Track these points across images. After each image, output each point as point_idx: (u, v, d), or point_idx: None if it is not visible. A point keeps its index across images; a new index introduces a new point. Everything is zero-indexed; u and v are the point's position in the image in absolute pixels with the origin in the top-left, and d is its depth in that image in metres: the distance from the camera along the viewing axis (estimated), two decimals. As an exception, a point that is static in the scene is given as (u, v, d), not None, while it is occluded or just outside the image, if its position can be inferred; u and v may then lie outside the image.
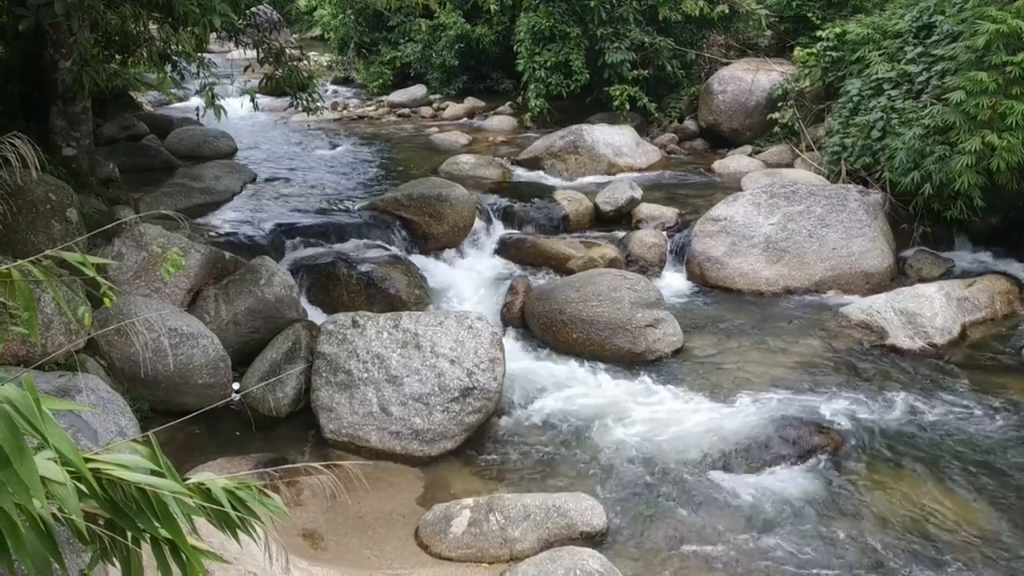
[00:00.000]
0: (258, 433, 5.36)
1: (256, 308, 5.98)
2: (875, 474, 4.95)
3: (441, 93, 15.29)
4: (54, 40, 6.73)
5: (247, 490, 1.73)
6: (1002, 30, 6.91)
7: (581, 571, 3.82)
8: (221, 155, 10.74)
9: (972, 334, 6.71)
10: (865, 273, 7.65)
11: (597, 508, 4.48)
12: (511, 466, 5.14)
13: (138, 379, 5.17)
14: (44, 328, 4.88)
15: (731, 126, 11.69)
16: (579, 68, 12.34)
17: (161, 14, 6.68)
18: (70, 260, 1.88)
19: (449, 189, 8.32)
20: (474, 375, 5.35)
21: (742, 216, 7.88)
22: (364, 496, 4.65)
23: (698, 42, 13.25)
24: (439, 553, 4.30)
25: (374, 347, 5.47)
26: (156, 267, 5.77)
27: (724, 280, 7.70)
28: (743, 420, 5.46)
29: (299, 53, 8.24)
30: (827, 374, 6.11)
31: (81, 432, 4.13)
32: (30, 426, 1.39)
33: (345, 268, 6.97)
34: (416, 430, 5.22)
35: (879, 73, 8.92)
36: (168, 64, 9.00)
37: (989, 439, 5.28)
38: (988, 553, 4.30)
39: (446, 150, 11.62)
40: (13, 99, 7.24)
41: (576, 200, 8.93)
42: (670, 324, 6.56)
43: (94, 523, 1.61)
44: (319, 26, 20.00)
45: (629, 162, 10.82)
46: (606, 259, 7.72)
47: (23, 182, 5.28)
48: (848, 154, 8.97)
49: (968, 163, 7.11)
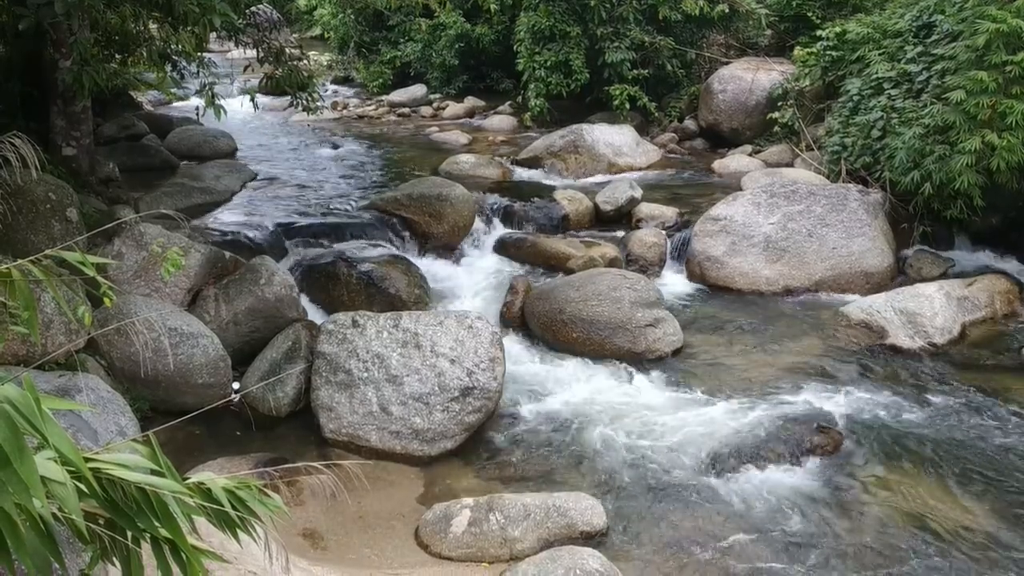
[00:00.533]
0: (258, 433, 5.36)
1: (256, 308, 5.98)
2: (875, 474, 4.95)
3: (441, 92, 15.29)
4: (54, 39, 6.73)
5: (247, 490, 1.73)
6: (1002, 29, 6.91)
7: (581, 570, 3.82)
8: (221, 155, 10.74)
9: (972, 334, 6.71)
10: (865, 273, 7.65)
11: (597, 508, 4.48)
12: (511, 466, 5.14)
13: (138, 379, 5.17)
14: (44, 328, 4.88)
15: (731, 126, 11.68)
16: (579, 67, 12.33)
17: (161, 13, 6.68)
18: (70, 260, 1.88)
19: (449, 189, 8.32)
20: (474, 375, 5.35)
21: (742, 216, 7.88)
22: (364, 496, 4.65)
23: (698, 41, 13.24)
24: (439, 553, 4.30)
25: (374, 347, 5.47)
26: (156, 267, 5.77)
27: (724, 280, 7.70)
28: (743, 420, 5.46)
29: (299, 52, 8.23)
30: (827, 374, 6.11)
31: (81, 432, 4.13)
32: (30, 426, 1.39)
33: (345, 268, 6.97)
34: (416, 430, 5.22)
35: (879, 72, 8.92)
36: (168, 64, 8.99)
37: (989, 439, 5.28)
38: (988, 552, 4.30)
39: (446, 150, 11.62)
40: (13, 98, 7.23)
41: (576, 200, 8.93)
42: (670, 324, 6.56)
43: (94, 523, 1.61)
44: (319, 25, 20.00)
45: (629, 162, 10.81)
46: (606, 259, 7.72)
47: (23, 182, 5.28)
48: (848, 153, 8.97)
49: (968, 162, 7.11)
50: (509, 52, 13.43)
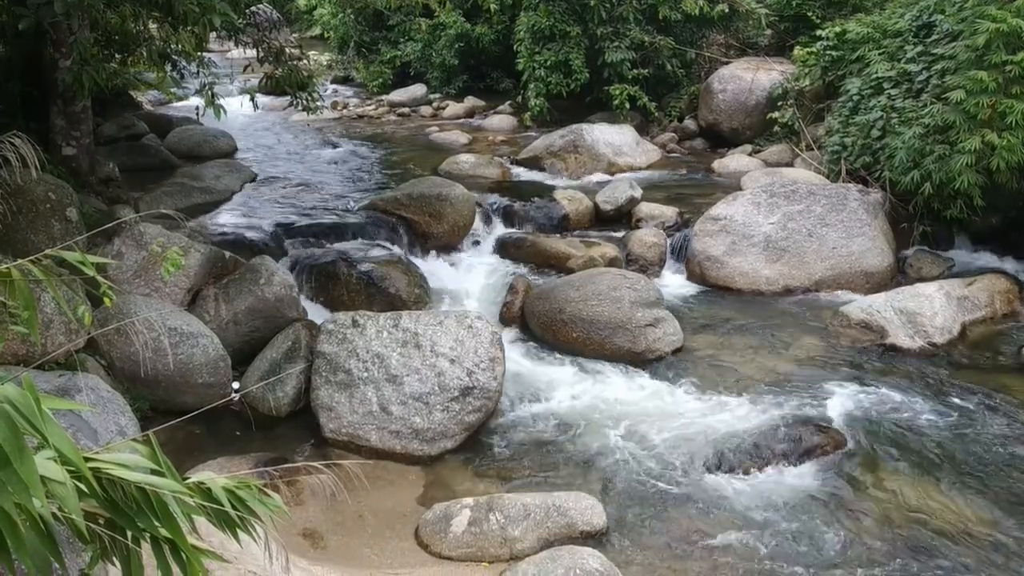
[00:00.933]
0: (258, 432, 5.36)
1: (256, 307, 5.98)
2: (875, 473, 4.96)
3: (441, 92, 15.29)
4: (54, 39, 6.73)
5: (247, 489, 1.73)
6: (1002, 29, 6.91)
7: (581, 570, 3.82)
8: (221, 154, 10.74)
9: (972, 333, 6.71)
10: (865, 272, 7.65)
11: (597, 507, 4.48)
12: (511, 465, 5.14)
13: (138, 378, 5.17)
14: (44, 327, 4.88)
15: (731, 125, 11.68)
16: (579, 67, 12.33)
17: (161, 13, 6.68)
18: (70, 259, 1.88)
19: (449, 188, 8.32)
20: (474, 374, 5.35)
21: (742, 215, 7.88)
22: (364, 495, 4.65)
23: (698, 41, 13.25)
24: (439, 552, 4.30)
25: (374, 346, 5.47)
26: (156, 266, 5.77)
27: (724, 279, 7.70)
28: (743, 419, 5.46)
29: (299, 52, 8.23)
30: (827, 373, 6.11)
31: (81, 431, 4.13)
32: (30, 425, 1.39)
33: (345, 267, 6.97)
34: (416, 429, 5.22)
35: (879, 72, 8.92)
36: (168, 63, 8.99)
37: (989, 438, 5.28)
38: (988, 552, 4.30)
39: (446, 149, 11.62)
40: (13, 98, 7.23)
41: (576, 199, 8.92)
42: (670, 323, 6.56)
43: (94, 522, 1.61)
44: (319, 25, 20.00)
45: (629, 161, 10.81)
46: (606, 258, 7.72)
47: (23, 181, 5.28)
48: (848, 153, 8.97)
49: (968, 162, 7.11)
50: (509, 52, 13.43)
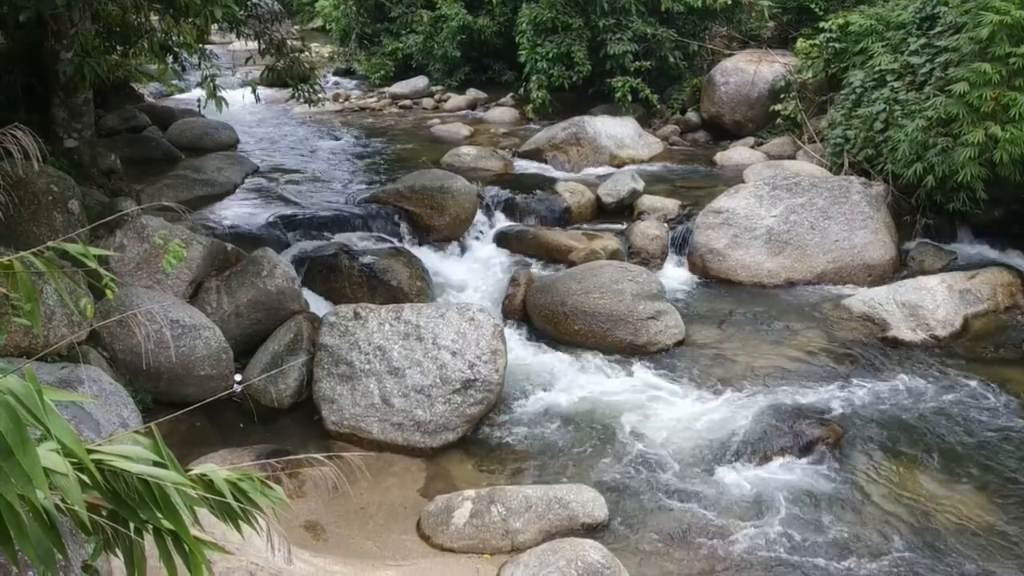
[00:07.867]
0: (260, 425, 5.38)
1: (258, 300, 5.99)
2: (876, 466, 4.96)
3: (443, 84, 15.25)
4: (55, 31, 6.71)
5: (249, 481, 1.73)
6: (1006, 21, 6.88)
7: (582, 562, 3.83)
8: (223, 147, 10.72)
9: (974, 326, 6.70)
10: (867, 265, 7.64)
11: (598, 499, 4.49)
12: (513, 458, 5.15)
13: (140, 370, 5.18)
14: (46, 320, 4.88)
15: (733, 118, 11.64)
16: (581, 59, 12.29)
17: (162, 5, 6.66)
18: (72, 252, 1.88)
19: (451, 181, 8.30)
20: (476, 367, 5.35)
21: (744, 208, 7.87)
22: (366, 487, 4.66)
23: (700, 33, 13.19)
24: (441, 544, 4.31)
25: (376, 339, 5.48)
26: (158, 259, 5.77)
27: (726, 272, 7.69)
28: (744, 412, 5.47)
29: (300, 44, 8.20)
30: (829, 366, 6.11)
31: (83, 423, 4.14)
32: (33, 417, 1.39)
33: (347, 260, 6.97)
34: (418, 421, 5.23)
35: (882, 64, 8.88)
36: (169, 55, 8.97)
37: (991, 431, 5.28)
38: (990, 545, 4.31)
39: (448, 142, 11.59)
40: (15, 90, 7.22)
41: (578, 192, 8.90)
42: (672, 316, 6.56)
43: (97, 514, 1.61)
44: (321, 17, 19.94)
45: (631, 154, 10.78)
46: (608, 251, 7.71)
47: (25, 174, 5.28)
48: (851, 146, 8.94)
49: (971, 155, 7.08)
50: (511, 44, 13.38)
